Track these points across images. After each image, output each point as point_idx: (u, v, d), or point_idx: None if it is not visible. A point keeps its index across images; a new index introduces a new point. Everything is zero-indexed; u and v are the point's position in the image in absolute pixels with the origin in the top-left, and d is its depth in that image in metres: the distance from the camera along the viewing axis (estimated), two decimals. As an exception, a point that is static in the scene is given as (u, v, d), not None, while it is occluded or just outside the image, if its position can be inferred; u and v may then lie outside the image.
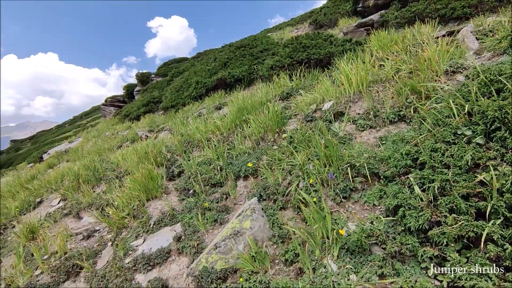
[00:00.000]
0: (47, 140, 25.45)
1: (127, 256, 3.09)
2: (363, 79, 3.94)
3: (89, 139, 12.44)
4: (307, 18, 18.06)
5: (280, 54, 9.37)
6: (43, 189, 6.51)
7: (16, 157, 22.29)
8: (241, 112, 4.83)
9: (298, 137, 3.49)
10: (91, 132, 14.50)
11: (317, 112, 4.14)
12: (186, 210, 3.39)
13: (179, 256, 2.92)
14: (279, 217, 2.80)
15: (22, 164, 16.81)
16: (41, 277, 3.42)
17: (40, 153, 14.37)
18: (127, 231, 3.60)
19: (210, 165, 4.05)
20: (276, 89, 6.62)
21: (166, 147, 5.55)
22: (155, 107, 12.90)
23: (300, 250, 2.14)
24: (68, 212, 4.93)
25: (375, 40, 6.15)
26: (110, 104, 20.53)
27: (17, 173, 11.53)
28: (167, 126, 8.63)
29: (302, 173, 3.01)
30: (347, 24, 11.62)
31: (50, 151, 13.25)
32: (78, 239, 3.99)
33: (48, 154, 12.97)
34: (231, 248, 2.56)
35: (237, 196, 3.36)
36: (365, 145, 3.10)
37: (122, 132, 11.23)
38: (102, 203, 4.47)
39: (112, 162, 6.19)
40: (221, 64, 11.22)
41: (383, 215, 2.24)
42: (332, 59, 7.73)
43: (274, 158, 3.43)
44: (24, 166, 15.18)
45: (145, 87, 18.24)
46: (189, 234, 2.98)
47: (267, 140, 4.01)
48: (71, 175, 6.02)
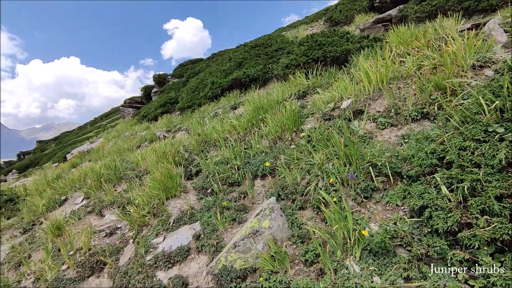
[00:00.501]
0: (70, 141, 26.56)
1: (148, 253, 3.16)
2: (383, 76, 3.83)
3: (109, 140, 12.86)
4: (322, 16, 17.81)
5: (295, 52, 9.29)
6: (67, 188, 6.79)
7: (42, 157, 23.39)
8: (257, 112, 4.83)
9: (316, 136, 3.45)
10: (111, 133, 14.99)
11: (335, 110, 4.07)
12: (204, 209, 3.43)
13: (198, 255, 2.95)
14: (298, 217, 2.77)
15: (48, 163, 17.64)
16: (67, 272, 3.56)
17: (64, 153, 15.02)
18: (147, 229, 3.68)
19: (227, 164, 4.07)
20: (292, 88, 6.57)
21: (184, 147, 5.63)
22: (171, 107, 13.14)
23: (321, 251, 2.11)
24: (91, 210, 5.11)
25: (394, 35, 5.96)
26: (129, 105, 21.12)
27: (43, 172, 12.08)
28: (184, 126, 8.77)
29: (321, 173, 2.97)
30: (364, 21, 11.36)
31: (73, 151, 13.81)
32: (101, 236, 4.13)
33: (71, 154, 13.53)
34: (250, 247, 2.57)
35: (255, 196, 3.36)
36: (387, 143, 3.01)
37: (141, 132, 11.52)
38: (123, 201, 4.59)
39: (132, 162, 6.37)
40: (236, 64, 11.27)
41: (407, 216, 2.17)
42: (349, 56, 7.58)
43: (292, 157, 3.40)
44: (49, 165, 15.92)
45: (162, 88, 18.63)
46: (208, 233, 3.01)
47: (284, 139, 3.99)
48: (93, 174, 6.23)
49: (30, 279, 3.81)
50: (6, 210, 7.45)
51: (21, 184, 9.84)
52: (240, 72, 10.14)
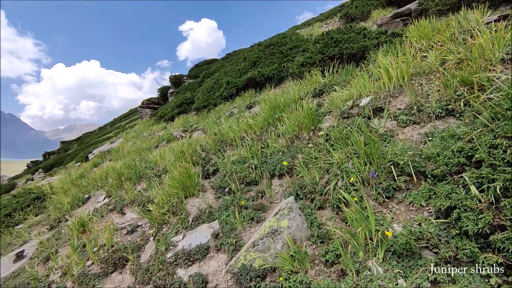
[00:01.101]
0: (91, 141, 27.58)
1: (168, 251, 3.22)
2: (403, 72, 3.71)
3: (129, 140, 13.24)
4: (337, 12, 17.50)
5: (310, 50, 9.19)
6: (90, 186, 7.05)
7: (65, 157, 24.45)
8: (273, 111, 4.81)
9: (335, 135, 3.39)
10: (130, 133, 15.43)
11: (354, 108, 3.98)
12: (222, 207, 3.46)
13: (217, 253, 2.98)
14: (317, 216, 2.74)
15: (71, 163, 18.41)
16: (92, 267, 3.70)
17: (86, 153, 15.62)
18: (167, 227, 3.76)
19: (244, 163, 4.08)
20: (308, 86, 6.50)
21: (201, 146, 5.70)
22: (188, 108, 13.35)
23: (342, 251, 2.07)
24: (113, 208, 5.28)
25: (415, 30, 5.77)
26: (146, 106, 21.67)
27: (67, 171, 12.62)
28: (200, 126, 8.88)
29: (340, 172, 2.92)
30: (381, 16, 11.06)
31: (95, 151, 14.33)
32: (122, 233, 4.26)
33: (92, 154, 14.05)
34: (269, 246, 2.56)
35: (272, 195, 3.35)
36: (409, 142, 2.91)
37: (158, 132, 11.78)
38: (143, 200, 4.71)
39: (151, 161, 6.52)
40: (250, 63, 11.29)
41: (433, 216, 2.08)
42: (366, 53, 7.41)
43: (310, 157, 3.36)
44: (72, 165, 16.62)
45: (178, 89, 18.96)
46: (227, 232, 3.03)
47: (301, 138, 3.95)
48: (114, 173, 6.44)
49: (57, 274, 3.98)
50: (34, 208, 7.84)
51: (47, 182, 10.31)
52: (255, 71, 10.15)
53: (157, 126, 13.54)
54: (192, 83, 17.64)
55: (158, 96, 22.69)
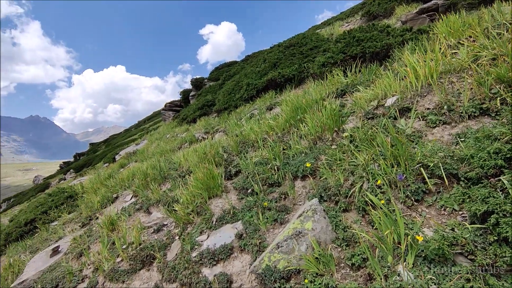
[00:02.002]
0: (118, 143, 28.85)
1: (194, 250, 3.31)
2: (432, 70, 3.56)
3: (153, 141, 13.72)
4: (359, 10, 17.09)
5: (331, 50, 9.06)
6: (118, 186, 7.38)
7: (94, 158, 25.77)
8: (295, 112, 4.79)
9: (359, 136, 3.32)
10: (154, 135, 15.98)
11: (379, 108, 3.88)
12: (246, 208, 3.49)
13: (241, 253, 3.02)
14: (342, 219, 2.70)
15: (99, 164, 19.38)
16: (121, 264, 3.87)
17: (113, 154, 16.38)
18: (191, 226, 3.86)
19: (266, 165, 4.10)
20: (329, 87, 6.41)
21: (223, 148, 5.80)
22: (209, 110, 13.61)
23: (370, 255, 2.03)
24: (140, 207, 5.49)
25: (443, 25, 5.51)
26: (169, 108, 22.33)
27: (96, 171, 13.28)
28: (221, 127, 9.03)
29: (366, 174, 2.85)
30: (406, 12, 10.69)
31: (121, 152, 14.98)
32: (149, 232, 4.42)
33: (119, 155, 14.70)
34: (294, 248, 2.56)
35: (296, 197, 3.34)
36: (439, 143, 2.80)
37: (181, 134, 12.11)
38: (168, 200, 4.86)
39: (175, 162, 6.71)
40: (270, 65, 11.31)
41: (467, 221, 1.99)
42: (390, 51, 7.20)
43: (334, 158, 3.32)
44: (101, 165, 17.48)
45: (199, 91, 19.37)
46: (250, 232, 3.06)
47: (324, 140, 3.90)
48: (140, 174, 6.69)
49: (90, 269, 4.21)
50: (67, 206, 8.33)
51: (79, 182, 10.93)
52: (275, 72, 10.15)
53: (179, 128, 13.91)
54: (212, 85, 17.96)
55: (180, 98, 23.30)
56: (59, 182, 24.99)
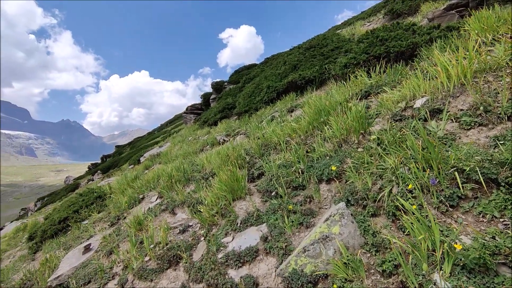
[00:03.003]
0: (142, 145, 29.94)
1: (219, 251, 3.36)
2: (465, 69, 3.40)
3: (175, 144, 14.10)
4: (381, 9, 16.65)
5: (354, 50, 8.90)
6: (144, 187, 7.65)
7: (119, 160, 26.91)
8: (318, 114, 4.74)
9: (387, 138, 3.23)
10: (176, 138, 16.42)
11: (407, 110, 3.75)
12: (270, 211, 3.50)
13: (266, 256, 3.02)
14: (370, 224, 2.63)
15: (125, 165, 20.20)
16: (149, 263, 4.00)
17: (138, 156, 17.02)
18: (216, 228, 3.92)
19: (290, 168, 4.09)
20: (352, 88, 6.29)
21: (245, 150, 5.85)
22: (229, 112, 13.78)
23: (403, 262, 1.97)
24: (165, 208, 5.65)
25: (475, 21, 5.25)
26: (190, 111, 22.87)
27: (123, 173, 13.84)
28: (242, 130, 9.11)
29: (395, 178, 2.77)
30: (433, 9, 10.28)
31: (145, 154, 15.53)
32: (175, 232, 4.54)
33: (144, 157, 15.24)
34: (321, 252, 2.53)
35: (321, 200, 3.31)
36: (475, 146, 2.66)
37: (202, 136, 12.35)
38: (193, 201, 4.97)
39: (198, 164, 6.86)
40: (291, 67, 11.28)
41: (510, 229, 1.88)
42: (416, 50, 6.96)
43: (360, 161, 3.25)
44: (126, 167, 18.21)
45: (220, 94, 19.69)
46: (276, 235, 3.06)
47: (350, 142, 3.83)
48: (165, 175, 6.90)
49: (120, 267, 4.39)
50: (97, 206, 8.75)
51: (107, 183, 11.44)
52: (296, 74, 10.11)
53: (201, 130, 14.20)
54: (233, 88, 18.18)
55: (201, 102, 23.79)
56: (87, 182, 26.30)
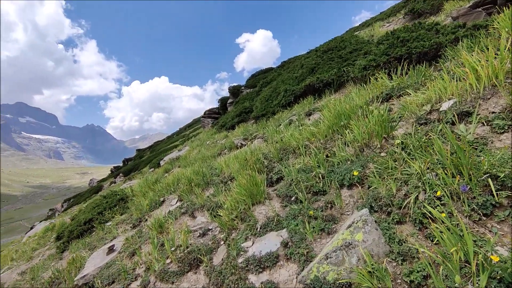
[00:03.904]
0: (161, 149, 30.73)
1: (239, 256, 3.36)
2: (497, 69, 3.23)
3: (194, 148, 14.35)
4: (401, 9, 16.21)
5: (373, 52, 8.72)
6: (164, 190, 7.82)
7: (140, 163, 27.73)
8: (338, 118, 4.67)
9: (412, 143, 3.12)
10: (195, 142, 16.71)
11: (433, 113, 3.61)
12: (290, 216, 3.47)
13: (287, 262, 2.99)
14: (396, 231, 2.54)
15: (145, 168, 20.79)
16: (170, 265, 4.06)
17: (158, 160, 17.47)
18: (236, 232, 3.93)
19: (309, 172, 4.05)
20: (373, 91, 6.15)
21: (263, 154, 5.85)
22: (246, 116, 13.87)
23: (433, 273, 1.88)
24: (185, 211, 5.74)
25: (505, 19, 4.99)
26: (208, 116, 23.24)
27: (143, 176, 14.24)
28: (259, 134, 9.13)
29: (421, 184, 2.67)
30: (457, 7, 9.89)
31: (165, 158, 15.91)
32: (195, 235, 4.59)
33: (163, 160, 15.62)
34: (343, 260, 2.47)
35: (343, 206, 3.24)
36: (510, 151, 2.51)
37: (220, 140, 12.49)
38: (212, 205, 5.02)
39: (216, 168, 6.93)
40: (308, 70, 11.21)
41: (552, 241, 1.75)
42: (440, 50, 6.71)
43: (384, 166, 3.16)
44: (147, 170, 18.73)
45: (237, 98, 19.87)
46: (297, 241, 3.03)
47: (372, 147, 3.74)
48: (184, 179, 7.02)
49: (142, 268, 4.50)
50: (119, 208, 9.04)
51: (129, 186, 11.81)
52: (313, 77, 10.03)
53: (218, 134, 14.38)
54: (250, 92, 18.30)
55: (218, 106, 24.12)
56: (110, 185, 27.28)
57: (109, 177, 37.38)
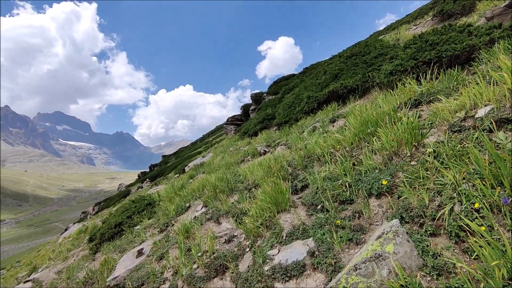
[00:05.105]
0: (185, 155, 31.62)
1: (265, 264, 3.37)
2: (539, 73, 3.04)
3: (217, 154, 14.63)
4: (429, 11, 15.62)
5: (400, 57, 8.49)
6: (189, 196, 8.03)
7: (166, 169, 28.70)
8: (365, 125, 4.58)
9: (446, 151, 3.00)
10: (218, 148, 17.04)
11: (468, 120, 3.45)
12: (316, 225, 3.44)
13: (314, 272, 2.96)
14: (429, 244, 2.44)
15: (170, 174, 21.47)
16: (197, 271, 4.15)
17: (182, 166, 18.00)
18: (261, 239, 3.96)
19: (335, 180, 3.99)
20: (400, 97, 5.97)
21: (287, 162, 5.85)
22: (269, 123, 13.94)
23: (472, 290, 1.79)
24: (210, 217, 5.85)
25: (548, 18, 4.67)
26: (231, 122, 23.62)
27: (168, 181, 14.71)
28: (282, 141, 9.14)
29: (457, 195, 2.55)
30: (491, 7, 9.37)
31: (190, 164, 16.35)
32: (221, 241, 4.67)
33: (188, 166, 16.05)
34: (374, 271, 2.41)
35: (371, 216, 3.16)
36: (556, 160, 2.34)
37: (243, 147, 12.64)
38: (237, 211, 5.09)
39: (240, 175, 7.02)
40: (331, 76, 11.10)
41: None
42: (474, 53, 6.40)
43: (414, 176, 3.06)
44: (172, 176, 19.33)
45: (259, 105, 20.05)
46: (324, 251, 2.99)
47: (401, 155, 3.63)
48: (209, 185, 7.18)
49: (170, 272, 4.63)
50: (147, 212, 9.39)
51: (156, 191, 12.26)
52: (337, 83, 9.92)
53: (241, 141, 14.55)
54: (272, 99, 18.40)
55: (240, 113, 24.46)
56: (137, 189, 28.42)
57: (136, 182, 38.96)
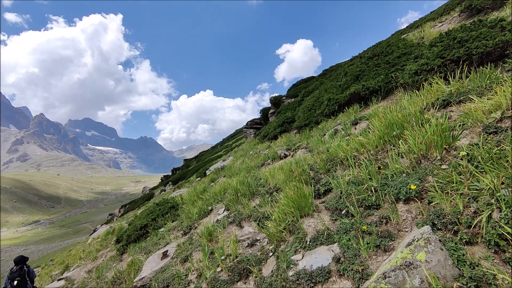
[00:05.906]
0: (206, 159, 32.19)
1: (289, 269, 3.34)
2: None
3: (238, 158, 14.75)
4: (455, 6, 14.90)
5: (425, 56, 8.20)
6: (211, 199, 8.15)
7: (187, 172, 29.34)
8: (390, 127, 4.44)
9: (481, 154, 2.83)
10: (238, 152, 17.18)
11: (504, 121, 3.24)
12: (342, 231, 3.36)
13: (340, 278, 2.90)
14: (465, 253, 2.31)
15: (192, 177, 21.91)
16: (221, 274, 4.19)
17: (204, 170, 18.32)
18: (284, 244, 3.93)
19: (360, 185, 3.89)
20: (427, 97, 5.73)
21: (309, 165, 5.79)
22: (289, 126, 13.87)
23: (516, 303, 1.68)
24: (232, 221, 5.90)
25: None
26: (250, 126, 23.76)
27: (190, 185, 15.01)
28: (303, 144, 9.05)
29: (495, 201, 2.40)
30: (527, -2, 8.82)
31: (211, 167, 16.61)
32: (243, 245, 4.69)
33: (209, 170, 16.32)
34: (404, 280, 2.32)
35: (400, 222, 3.04)
36: None
37: (263, 151, 12.65)
38: (259, 215, 5.09)
39: (261, 178, 7.04)
40: (352, 77, 10.88)
41: None
42: (508, 49, 6.06)
43: (446, 180, 2.92)
44: (194, 179, 19.71)
45: (278, 109, 20.03)
46: (350, 257, 2.92)
47: (431, 158, 3.47)
48: (231, 189, 7.25)
49: (194, 275, 4.71)
50: (171, 215, 9.63)
51: (178, 194, 12.56)
52: (359, 85, 9.70)
53: (261, 145, 14.58)
54: (291, 102, 18.32)
55: (260, 116, 24.54)
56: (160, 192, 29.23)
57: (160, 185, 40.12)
